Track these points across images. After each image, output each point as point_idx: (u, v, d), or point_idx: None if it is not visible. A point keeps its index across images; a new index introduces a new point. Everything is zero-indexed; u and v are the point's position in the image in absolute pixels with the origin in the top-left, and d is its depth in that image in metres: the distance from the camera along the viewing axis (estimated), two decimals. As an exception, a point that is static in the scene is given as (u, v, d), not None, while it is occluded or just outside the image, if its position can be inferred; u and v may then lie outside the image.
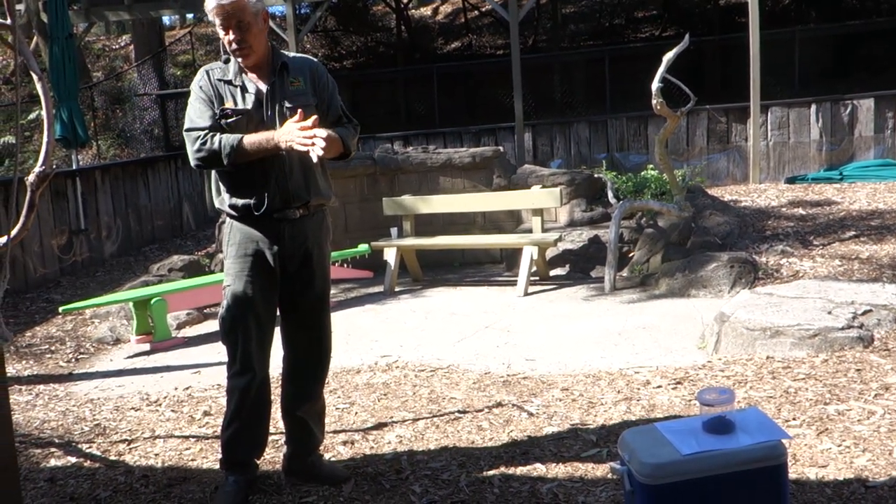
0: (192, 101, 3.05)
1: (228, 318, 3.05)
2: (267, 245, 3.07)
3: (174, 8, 13.77)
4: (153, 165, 11.48)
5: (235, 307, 3.04)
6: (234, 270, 3.07)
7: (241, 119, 3.00)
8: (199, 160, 2.98)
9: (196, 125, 2.99)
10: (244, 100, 3.03)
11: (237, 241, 3.08)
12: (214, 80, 3.05)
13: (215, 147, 2.93)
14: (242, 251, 3.07)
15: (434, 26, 22.66)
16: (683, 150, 12.25)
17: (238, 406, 3.07)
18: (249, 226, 3.07)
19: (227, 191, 3.09)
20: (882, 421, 3.36)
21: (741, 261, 6.28)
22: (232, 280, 3.06)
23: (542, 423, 3.73)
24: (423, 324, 6.08)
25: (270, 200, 3.02)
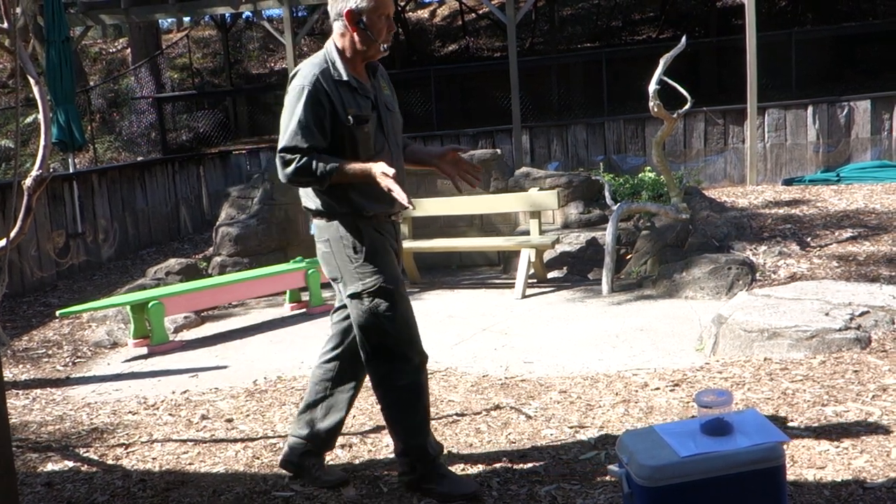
0: (298, 110, 2.83)
1: (399, 316, 2.96)
2: (394, 243, 3.07)
3: (171, 11, 13.76)
4: (150, 169, 11.47)
5: (403, 304, 2.98)
6: (385, 263, 2.97)
7: (366, 128, 2.91)
8: (296, 184, 2.89)
9: (298, 145, 2.82)
10: (360, 103, 2.92)
11: (371, 239, 2.97)
12: (330, 83, 2.87)
13: (317, 175, 2.81)
14: (380, 246, 2.99)
15: (431, 29, 22.67)
16: (680, 151, 12.26)
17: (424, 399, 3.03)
18: (376, 228, 2.99)
19: (358, 195, 2.92)
20: (880, 422, 3.36)
21: (738, 262, 6.29)
22: (387, 273, 2.96)
23: (540, 425, 3.72)
24: (420, 326, 6.06)
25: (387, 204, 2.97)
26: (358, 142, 2.92)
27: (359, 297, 2.95)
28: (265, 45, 21.99)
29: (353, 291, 2.96)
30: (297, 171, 2.82)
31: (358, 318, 2.99)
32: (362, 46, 2.92)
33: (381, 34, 2.90)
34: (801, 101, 11.93)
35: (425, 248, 7.64)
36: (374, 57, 2.98)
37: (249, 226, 7.97)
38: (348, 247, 2.96)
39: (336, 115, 2.86)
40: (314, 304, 6.91)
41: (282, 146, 2.84)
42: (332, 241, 2.99)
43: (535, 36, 20.13)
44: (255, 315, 6.99)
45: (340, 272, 2.99)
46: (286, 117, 2.87)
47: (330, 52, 2.96)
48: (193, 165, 12.73)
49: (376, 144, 2.97)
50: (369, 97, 2.96)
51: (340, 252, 2.97)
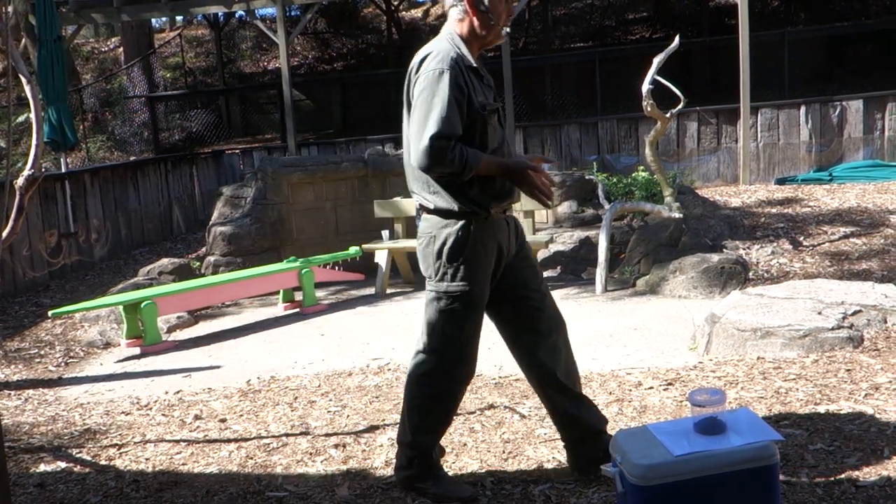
0: (444, 94, 2.69)
1: (468, 327, 2.93)
2: (504, 242, 2.96)
3: (163, 10, 13.72)
4: (143, 168, 11.44)
5: (475, 317, 2.94)
6: (479, 276, 2.89)
7: (493, 118, 2.84)
8: (437, 173, 2.77)
9: (450, 132, 2.68)
10: (486, 91, 2.85)
11: (484, 242, 2.88)
12: (464, 68, 2.76)
13: (466, 162, 2.70)
14: (490, 252, 2.90)
15: (424, 28, 22.66)
16: (674, 151, 12.29)
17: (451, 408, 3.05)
18: (495, 225, 2.91)
19: (479, 191, 2.83)
20: (872, 421, 3.37)
21: (732, 262, 6.30)
22: (477, 286, 2.89)
23: (534, 424, 3.72)
24: (414, 326, 6.05)
25: (505, 198, 2.92)
26: (487, 133, 2.84)
27: (438, 296, 2.91)
28: (258, 45, 21.94)
29: (436, 289, 2.92)
30: (448, 162, 2.69)
31: (430, 314, 2.95)
32: (482, 31, 2.83)
33: (501, 17, 2.82)
34: (794, 101, 11.97)
35: (419, 248, 7.62)
36: (492, 43, 2.90)
37: (243, 225, 7.96)
38: (452, 246, 2.86)
39: (471, 102, 2.77)
40: (307, 303, 6.90)
41: (433, 132, 2.66)
42: (436, 238, 2.90)
43: (529, 35, 20.14)
44: (249, 315, 6.98)
45: (434, 269, 2.92)
46: (427, 102, 2.71)
47: (454, 39, 2.85)
48: (186, 165, 12.70)
49: (497, 137, 2.90)
50: (491, 87, 2.91)
51: (440, 250, 2.88)
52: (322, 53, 21.18)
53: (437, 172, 2.76)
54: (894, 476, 2.86)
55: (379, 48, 20.92)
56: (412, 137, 2.77)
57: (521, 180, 2.80)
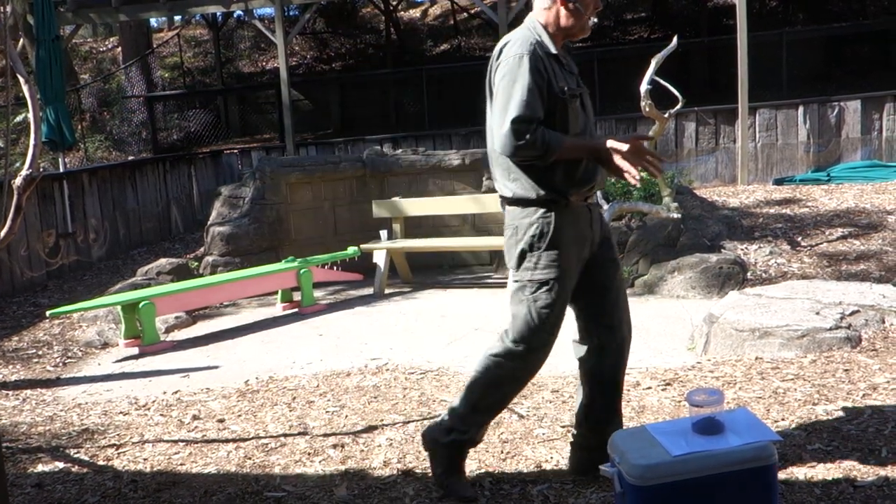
0: (524, 78, 2.70)
1: (552, 316, 2.89)
2: (587, 230, 2.93)
3: (162, 10, 13.72)
4: (141, 168, 11.43)
5: (560, 306, 2.90)
6: (563, 264, 2.85)
7: (576, 104, 2.83)
8: (520, 157, 2.75)
9: (531, 114, 2.68)
10: (567, 77, 2.84)
11: (566, 230, 2.85)
12: (544, 55, 2.78)
13: (548, 145, 2.69)
14: (572, 240, 2.87)
15: (423, 28, 22.67)
16: (672, 151, 12.29)
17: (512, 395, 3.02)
18: (576, 213, 2.89)
19: (562, 177, 2.81)
20: (870, 421, 3.38)
21: (730, 262, 6.31)
22: (561, 274, 2.85)
23: (533, 424, 3.72)
24: (413, 326, 6.08)
25: (586, 186, 2.89)
26: (569, 117, 2.83)
27: (523, 284, 2.89)
28: (257, 45, 21.94)
29: (520, 278, 2.90)
30: (530, 144, 2.68)
31: (514, 303, 2.94)
32: (568, 21, 2.85)
33: (588, 8, 2.82)
34: (792, 101, 11.98)
35: (417, 248, 7.63)
36: (577, 35, 2.88)
37: (241, 225, 7.95)
38: (534, 234, 2.84)
39: (551, 87, 2.77)
40: (306, 303, 6.90)
41: (515, 115, 2.67)
42: (519, 228, 2.88)
43: (527, 35, 20.11)
44: (247, 315, 6.98)
45: (518, 258, 2.90)
46: (508, 87, 2.72)
47: (535, 27, 2.86)
48: (184, 165, 12.70)
49: (580, 122, 2.89)
50: (574, 73, 2.90)
51: (524, 239, 2.86)
52: (320, 53, 21.18)
53: (520, 156, 2.75)
54: (892, 476, 2.86)
55: (377, 48, 20.92)
56: (494, 123, 2.78)
57: (606, 159, 2.75)
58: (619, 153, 2.71)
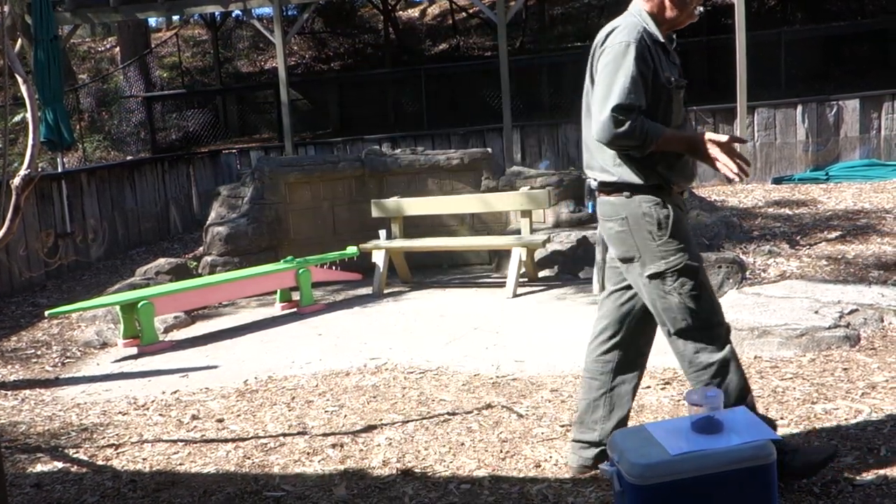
0: (628, 66, 2.66)
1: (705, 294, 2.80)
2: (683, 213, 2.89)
3: (160, 10, 13.71)
4: (139, 168, 11.43)
5: (703, 276, 2.82)
6: (685, 240, 2.80)
7: (678, 94, 2.79)
8: (619, 146, 2.71)
9: (633, 103, 2.63)
10: (672, 68, 2.80)
11: (676, 214, 2.79)
12: (651, 42, 2.73)
13: (647, 135, 2.65)
14: (683, 221, 2.82)
15: (421, 28, 22.67)
16: (671, 150, 12.28)
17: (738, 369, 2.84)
18: (676, 203, 2.84)
19: (665, 167, 2.78)
20: (869, 420, 3.38)
21: (729, 261, 6.31)
22: (691, 249, 2.80)
23: (532, 424, 3.73)
24: (412, 326, 6.08)
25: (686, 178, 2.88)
26: (672, 108, 2.80)
27: (661, 276, 2.78)
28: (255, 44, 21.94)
29: (655, 271, 2.79)
30: (629, 133, 2.64)
31: (660, 299, 2.82)
32: (673, 12, 2.80)
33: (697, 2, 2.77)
34: (791, 101, 11.98)
35: (416, 248, 7.63)
36: (683, 23, 2.84)
37: (240, 225, 7.95)
38: (652, 223, 2.77)
39: (657, 76, 2.73)
40: (305, 303, 6.89)
41: (616, 103, 2.63)
42: (630, 219, 2.80)
43: (526, 35, 20.15)
44: (246, 315, 6.97)
45: (639, 251, 2.81)
46: (611, 74, 2.68)
47: (641, 13, 2.81)
48: (183, 165, 12.69)
49: (681, 114, 2.85)
50: (677, 65, 2.84)
51: (641, 230, 2.79)
52: (319, 53, 21.17)
53: (618, 144, 2.70)
54: (891, 475, 2.86)
55: (376, 48, 20.92)
56: (594, 110, 2.73)
57: (705, 153, 2.70)
58: (718, 145, 2.68)
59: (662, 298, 2.81)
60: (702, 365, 2.82)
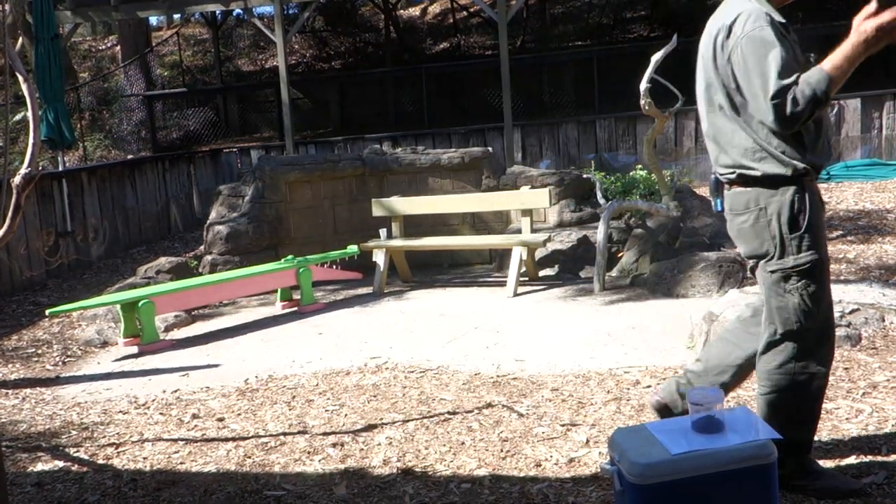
0: (777, 50, 2.57)
1: (825, 300, 2.71)
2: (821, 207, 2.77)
3: (161, 8, 13.71)
4: (140, 167, 11.43)
5: (828, 281, 2.72)
6: (822, 239, 2.70)
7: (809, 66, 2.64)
8: (805, 120, 2.56)
9: (788, 78, 2.53)
10: (794, 49, 2.67)
11: (818, 204, 2.71)
12: (780, 25, 2.66)
13: (809, 95, 2.51)
14: (820, 217, 2.71)
15: (422, 27, 22.66)
16: (672, 150, 12.29)
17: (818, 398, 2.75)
18: (815, 192, 2.72)
19: (798, 148, 2.65)
20: (870, 419, 3.38)
21: (729, 260, 6.31)
22: (823, 251, 2.69)
23: (532, 423, 3.73)
24: (412, 325, 6.08)
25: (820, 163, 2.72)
26: None
27: (786, 273, 2.68)
28: (256, 43, 21.93)
29: (781, 266, 2.68)
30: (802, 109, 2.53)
31: (777, 296, 2.71)
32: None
33: None
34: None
35: (417, 247, 7.63)
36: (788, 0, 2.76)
37: (240, 224, 7.95)
38: (788, 217, 2.66)
39: (796, 54, 2.66)
40: (305, 302, 6.89)
41: (774, 91, 2.53)
42: (766, 210, 2.68)
43: (527, 34, 20.14)
44: (246, 314, 6.97)
45: (772, 245, 2.69)
46: (760, 62, 2.58)
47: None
48: (184, 164, 12.70)
49: None
50: (796, 42, 2.74)
51: (776, 224, 2.67)
52: (320, 52, 21.17)
53: (800, 121, 2.56)
54: (892, 474, 2.86)
55: (377, 46, 20.92)
56: (760, 107, 2.60)
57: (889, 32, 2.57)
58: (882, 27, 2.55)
59: (780, 296, 2.71)
60: (786, 375, 2.72)
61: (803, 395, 2.73)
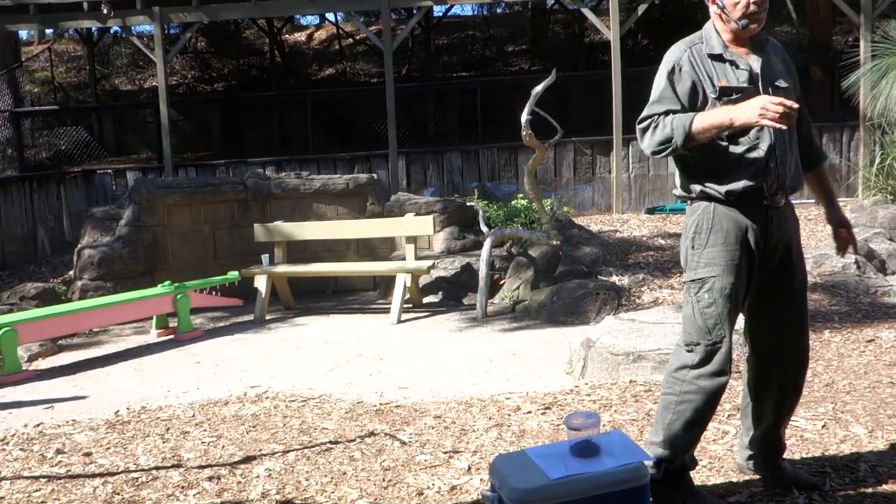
0: (660, 82, 2.84)
1: (714, 313, 2.79)
2: (755, 234, 2.81)
3: (33, 22, 13.07)
4: (5, 187, 10.80)
5: (724, 301, 2.79)
6: (722, 260, 2.79)
7: (741, 98, 2.72)
8: (654, 151, 2.78)
9: (651, 112, 2.80)
10: (737, 77, 2.78)
11: (724, 227, 2.80)
12: (700, 56, 2.80)
13: (667, 133, 2.72)
14: (732, 238, 2.79)
15: (308, 52, 22.53)
16: (551, 180, 12.66)
17: (704, 409, 2.82)
18: (738, 212, 2.80)
19: (715, 174, 2.80)
20: (735, 440, 3.55)
21: (606, 288, 6.53)
22: (721, 271, 2.79)
23: (415, 451, 3.72)
24: (294, 353, 5.97)
25: (768, 186, 2.77)
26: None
27: (689, 285, 2.87)
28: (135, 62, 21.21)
29: (687, 278, 2.89)
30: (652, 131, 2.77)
31: (684, 306, 2.90)
32: (722, 24, 2.84)
33: (733, 13, 2.77)
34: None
35: (300, 273, 7.52)
36: (742, 35, 2.81)
37: (114, 248, 7.62)
38: (693, 231, 2.86)
39: (703, 85, 2.78)
40: (183, 330, 6.66)
41: (640, 118, 2.82)
42: (686, 226, 2.92)
43: (412, 63, 20.37)
44: (119, 342, 6.67)
45: (684, 259, 2.91)
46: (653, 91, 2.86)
47: (707, 27, 2.90)
48: (53, 184, 12.08)
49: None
50: (746, 70, 2.80)
51: (688, 238, 2.89)
52: (202, 73, 20.69)
53: (657, 152, 2.79)
54: (754, 494, 3.01)
55: (262, 70, 20.63)
56: None
57: (751, 115, 2.61)
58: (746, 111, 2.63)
59: (684, 307, 2.92)
60: (676, 383, 2.86)
61: (688, 404, 2.84)
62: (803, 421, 3.79)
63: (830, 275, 6.63)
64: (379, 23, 17.28)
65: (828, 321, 5.69)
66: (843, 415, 3.86)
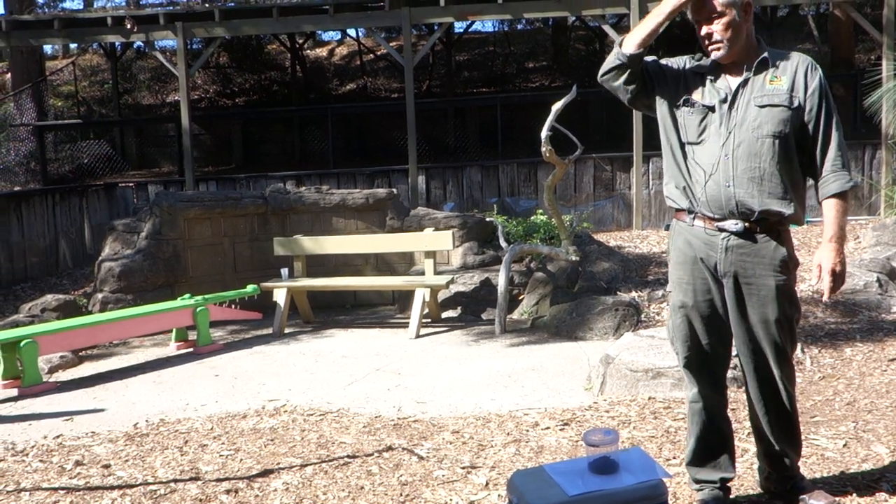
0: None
1: (670, 326, 2.99)
2: (705, 254, 2.84)
3: (57, 37, 13.26)
4: (28, 200, 10.93)
5: (680, 319, 2.92)
6: (675, 276, 2.95)
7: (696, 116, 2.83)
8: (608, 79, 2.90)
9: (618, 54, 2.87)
10: (710, 95, 2.84)
11: (677, 245, 2.93)
12: (690, 66, 2.92)
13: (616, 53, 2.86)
14: (681, 257, 2.91)
15: (329, 67, 22.71)
16: (571, 196, 12.64)
17: (704, 428, 2.96)
18: (689, 232, 2.88)
19: (666, 181, 2.97)
20: (754, 458, 3.50)
21: (625, 304, 6.49)
22: (674, 287, 2.95)
23: (433, 466, 3.70)
24: (312, 367, 5.98)
25: (701, 205, 2.82)
26: (678, 123, 2.88)
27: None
28: (157, 76, 21.46)
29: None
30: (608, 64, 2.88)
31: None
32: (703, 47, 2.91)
33: (702, 42, 2.86)
34: (683, 151, 12.51)
35: (319, 287, 7.54)
36: (719, 59, 2.85)
37: (135, 261, 7.68)
38: (669, 245, 3.02)
39: (677, 91, 2.89)
40: (202, 343, 6.69)
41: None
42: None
43: (433, 79, 20.46)
44: (139, 355, 6.71)
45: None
46: None
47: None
48: (76, 197, 12.21)
49: (701, 133, 2.83)
50: (724, 89, 2.83)
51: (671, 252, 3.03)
52: (224, 88, 20.89)
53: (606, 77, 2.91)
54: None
55: (283, 85, 20.81)
56: None
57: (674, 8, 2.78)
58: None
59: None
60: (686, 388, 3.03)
61: (690, 414, 3.01)
62: (824, 440, 3.74)
63: (852, 293, 6.56)
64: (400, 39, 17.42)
65: (849, 339, 5.63)
66: (864, 434, 3.80)
